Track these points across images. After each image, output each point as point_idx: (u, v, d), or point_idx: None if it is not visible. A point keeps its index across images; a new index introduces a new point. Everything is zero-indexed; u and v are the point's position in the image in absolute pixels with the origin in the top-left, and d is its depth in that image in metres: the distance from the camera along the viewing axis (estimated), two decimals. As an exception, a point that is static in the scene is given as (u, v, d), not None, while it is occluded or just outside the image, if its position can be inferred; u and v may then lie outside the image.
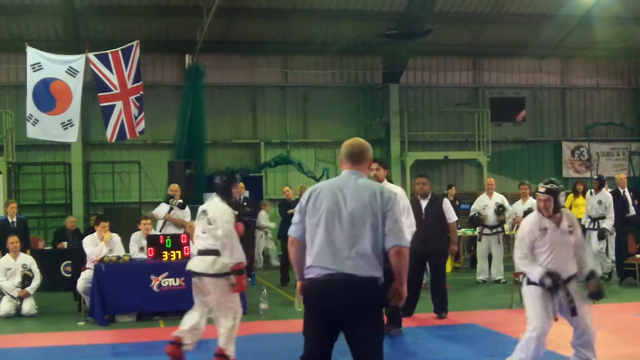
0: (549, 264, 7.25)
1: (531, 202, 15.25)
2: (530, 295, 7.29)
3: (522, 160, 24.78)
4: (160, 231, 13.61)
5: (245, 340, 10.27)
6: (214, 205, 8.31)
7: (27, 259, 13.70)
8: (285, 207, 16.37)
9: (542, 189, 7.42)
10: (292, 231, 5.57)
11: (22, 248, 14.24)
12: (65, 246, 17.30)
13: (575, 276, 7.45)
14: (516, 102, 25.20)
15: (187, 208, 14.05)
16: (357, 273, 5.20)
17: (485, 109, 24.34)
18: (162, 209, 13.98)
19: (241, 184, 17.58)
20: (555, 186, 7.40)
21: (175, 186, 14.49)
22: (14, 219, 15.25)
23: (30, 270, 13.48)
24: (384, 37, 21.60)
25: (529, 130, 25.31)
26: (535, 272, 7.25)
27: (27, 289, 13.28)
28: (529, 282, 7.30)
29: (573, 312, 7.25)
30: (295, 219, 5.56)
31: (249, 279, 16.53)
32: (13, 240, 13.53)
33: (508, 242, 17.37)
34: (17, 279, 13.34)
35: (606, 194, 15.83)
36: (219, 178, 8.42)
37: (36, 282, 13.46)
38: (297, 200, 16.85)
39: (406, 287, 5.50)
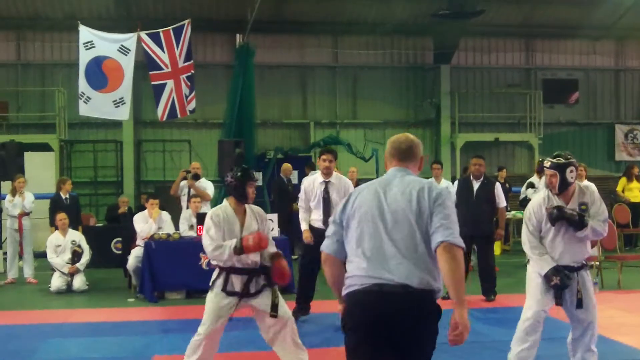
0: (554, 249, 6.82)
1: (587, 183, 15.10)
2: (531, 279, 7.01)
3: (574, 142, 24.39)
4: (187, 205, 13.84)
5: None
6: None
7: (76, 235, 13.87)
8: None
9: (547, 164, 6.80)
10: (325, 246, 4.73)
11: (73, 225, 14.45)
12: (127, 201, 18.05)
13: (586, 263, 7.08)
14: (569, 83, 24.83)
15: (206, 182, 14.51)
16: (411, 283, 4.31)
17: (538, 90, 23.99)
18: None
19: (288, 165, 17.60)
20: (563, 160, 6.73)
21: (196, 164, 14.91)
22: (67, 196, 15.43)
23: (79, 246, 13.64)
24: (435, 17, 21.36)
25: (582, 113, 24.92)
26: (544, 267, 6.80)
27: (77, 265, 13.45)
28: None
29: (579, 304, 6.83)
30: (329, 230, 4.75)
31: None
32: (61, 218, 13.70)
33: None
34: (67, 255, 13.52)
35: None
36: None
37: (85, 257, 13.62)
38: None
39: (466, 311, 4.38)
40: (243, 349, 8.61)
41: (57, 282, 13.29)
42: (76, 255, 13.49)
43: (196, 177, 14.20)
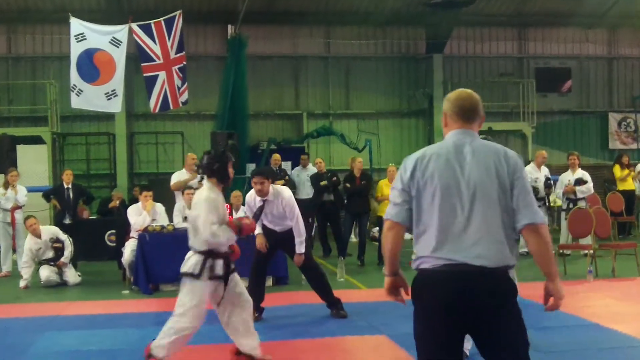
0: None
1: (580, 172, 15.27)
2: None
3: (567, 131, 24.44)
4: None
5: (285, 309, 10.31)
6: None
7: (51, 232, 13.57)
8: (317, 179, 16.22)
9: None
10: (393, 214, 4.36)
11: (71, 214, 14.99)
12: (121, 196, 17.94)
13: None
14: (562, 72, 24.85)
15: None
16: (487, 264, 4.12)
17: (530, 79, 24.00)
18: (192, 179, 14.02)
19: (277, 155, 17.51)
20: None
21: (193, 155, 14.42)
22: (69, 186, 15.36)
23: (57, 241, 13.45)
24: (427, 6, 21.36)
25: (575, 101, 24.94)
26: None
27: (62, 259, 13.28)
28: None
29: None
30: (397, 198, 4.36)
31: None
32: (31, 223, 13.36)
33: (552, 214, 17.23)
34: (50, 253, 13.34)
35: None
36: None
37: (68, 249, 13.40)
38: (330, 172, 16.81)
39: (559, 281, 4.34)
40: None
41: (45, 271, 13.11)
42: (58, 251, 13.35)
43: None
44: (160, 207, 13.29)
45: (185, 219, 13.05)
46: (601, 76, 25.20)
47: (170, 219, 13.22)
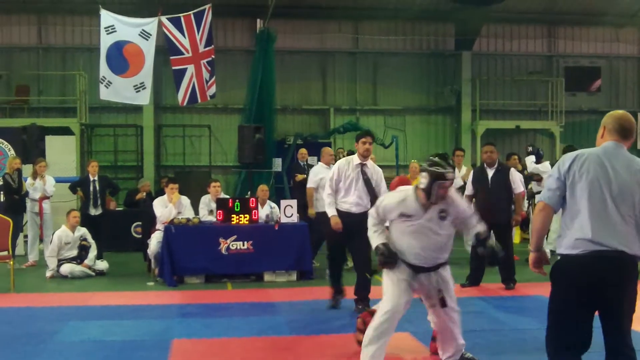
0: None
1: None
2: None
3: (595, 131, 23.71)
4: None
5: (308, 304, 10.31)
6: None
7: (82, 231, 13.62)
8: None
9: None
10: (547, 197, 5.20)
11: (107, 204, 15.32)
12: (148, 187, 17.97)
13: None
14: (591, 71, 24.64)
15: None
16: (626, 250, 4.96)
17: (560, 78, 23.83)
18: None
19: (304, 150, 17.46)
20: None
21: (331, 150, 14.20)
22: (95, 178, 15.43)
23: (85, 240, 13.51)
24: (457, 2, 21.25)
25: (604, 101, 24.71)
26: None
27: (86, 261, 13.33)
28: None
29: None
30: (552, 184, 5.20)
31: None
32: (76, 215, 13.59)
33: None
34: (75, 252, 13.38)
35: None
36: None
37: (93, 252, 13.50)
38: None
39: None
40: (263, 334, 8.61)
41: (67, 267, 13.15)
42: (84, 249, 13.41)
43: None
44: (185, 200, 13.32)
45: (210, 212, 13.12)
46: (631, 76, 24.98)
47: (196, 212, 13.27)
